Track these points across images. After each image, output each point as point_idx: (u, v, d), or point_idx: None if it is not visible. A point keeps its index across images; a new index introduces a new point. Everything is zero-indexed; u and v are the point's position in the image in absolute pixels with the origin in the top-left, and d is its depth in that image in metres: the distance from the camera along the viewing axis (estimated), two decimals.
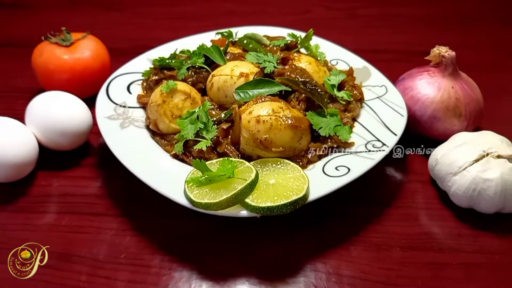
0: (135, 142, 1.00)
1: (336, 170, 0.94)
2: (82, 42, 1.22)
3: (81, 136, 1.08)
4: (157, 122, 1.09)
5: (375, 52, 1.63)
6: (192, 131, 1.02)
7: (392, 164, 1.17)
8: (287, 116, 0.99)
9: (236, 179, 0.91)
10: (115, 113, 1.14)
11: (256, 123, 0.98)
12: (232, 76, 1.09)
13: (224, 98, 1.10)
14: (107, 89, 1.20)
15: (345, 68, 1.29)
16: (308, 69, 1.08)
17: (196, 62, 1.16)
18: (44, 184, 1.06)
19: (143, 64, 1.29)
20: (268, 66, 1.05)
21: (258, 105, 0.94)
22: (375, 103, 1.10)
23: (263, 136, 0.98)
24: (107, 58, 1.25)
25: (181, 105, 1.09)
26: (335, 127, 1.04)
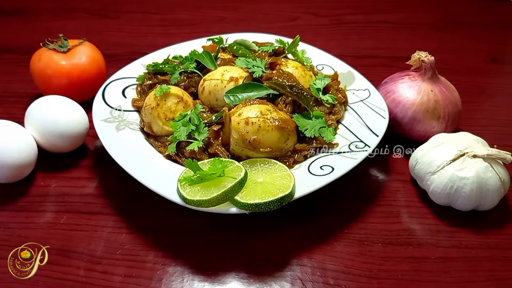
0: (130, 143, 1.02)
1: (321, 169, 0.96)
2: (79, 48, 1.24)
3: (78, 139, 1.09)
4: (151, 124, 1.12)
5: (359, 57, 1.65)
6: (184, 133, 1.04)
7: (375, 164, 1.20)
8: (274, 118, 1.02)
9: (226, 178, 0.93)
10: (111, 116, 1.16)
11: (245, 124, 1.01)
12: (222, 80, 1.12)
13: (215, 101, 1.13)
14: (103, 93, 1.22)
15: (331, 72, 1.32)
16: (295, 73, 1.10)
17: (188, 67, 1.18)
18: (43, 185, 1.07)
19: (137, 69, 1.31)
20: (256, 70, 1.07)
21: (247, 108, 0.96)
22: (358, 106, 1.13)
23: (252, 137, 1.00)
24: (102, 64, 1.26)
25: (174, 108, 1.11)
26: (320, 129, 1.07)
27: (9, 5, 2.04)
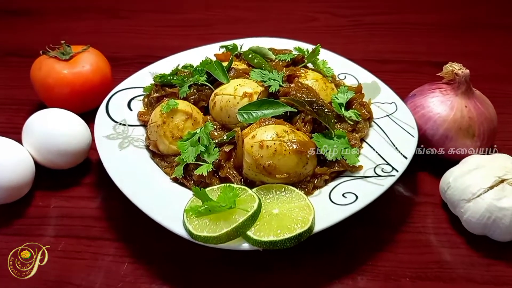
0: (134, 163, 0.92)
1: (343, 197, 0.86)
2: (82, 55, 1.14)
3: (79, 155, 1.02)
4: (157, 143, 1.01)
5: (382, 62, 1.54)
6: (192, 154, 0.93)
7: (402, 184, 1.08)
8: (291, 140, 0.90)
9: (238, 210, 0.82)
10: (114, 132, 1.06)
11: (259, 148, 0.89)
12: (235, 96, 1.00)
13: (227, 118, 1.02)
14: (107, 105, 1.12)
15: (354, 82, 1.20)
16: (315, 86, 0.99)
17: (198, 79, 1.07)
18: (42, 205, 1.00)
19: (145, 78, 1.21)
20: (273, 84, 0.96)
21: (262, 129, 0.85)
22: (384, 121, 1.01)
23: (267, 162, 0.89)
24: (108, 71, 1.17)
25: (182, 126, 1.00)
26: (343, 150, 0.95)
27: (15, 5, 1.94)
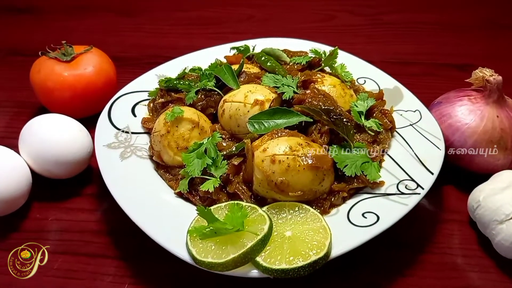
0: (136, 176, 0.85)
1: (363, 218, 0.77)
2: (84, 56, 1.07)
3: (79, 164, 0.95)
4: (161, 154, 0.93)
5: (401, 64, 1.45)
6: (198, 168, 0.85)
7: (425, 198, 0.98)
8: (306, 155, 0.82)
9: (246, 233, 0.74)
10: (116, 140, 0.98)
11: (271, 163, 0.81)
12: (245, 104, 0.92)
13: (236, 127, 0.93)
14: (109, 111, 1.04)
15: (374, 88, 1.11)
16: (332, 93, 0.90)
17: (206, 85, 0.98)
18: (39, 217, 0.94)
19: (151, 81, 1.13)
20: (286, 91, 0.88)
21: (274, 142, 0.77)
22: (407, 132, 0.93)
23: (279, 179, 0.80)
24: (112, 73, 1.11)
25: (188, 136, 0.92)
26: (363, 165, 0.86)
27: (22, 3, 1.87)
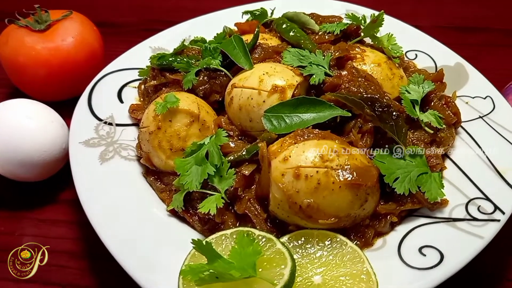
0: (118, 185, 0.66)
1: (421, 255, 0.57)
2: (62, 24, 0.88)
3: (52, 164, 0.76)
4: (150, 156, 0.72)
5: (461, 31, 1.19)
6: (197, 178, 0.64)
7: None
8: (344, 167, 0.59)
9: (259, 281, 0.52)
10: (97, 135, 0.77)
11: (295, 179, 0.58)
12: (260, 91, 0.68)
13: (248, 122, 0.70)
14: (89, 96, 0.82)
15: (428, 65, 0.86)
16: (377, 74, 0.68)
17: (209, 63, 0.75)
18: (3, 231, 0.74)
19: (144, 55, 0.90)
20: (316, 73, 0.64)
21: (299, 148, 0.56)
22: (477, 127, 0.71)
23: (305, 201, 0.58)
24: (97, 45, 0.91)
25: (184, 133, 0.70)
26: (419, 177, 0.63)
27: None
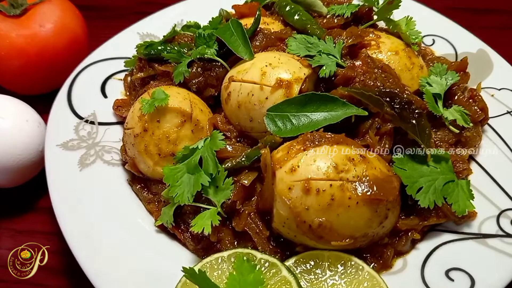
0: (100, 197, 0.58)
1: (449, 280, 0.51)
2: (40, 8, 0.84)
3: (28, 169, 0.73)
4: (136, 161, 0.63)
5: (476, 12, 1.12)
6: (189, 190, 0.56)
7: None
8: (362, 178, 0.50)
9: None
10: (76, 136, 0.69)
11: (304, 193, 0.50)
12: (262, 86, 0.60)
13: (248, 122, 0.62)
14: (69, 90, 0.73)
15: (447, 52, 0.77)
16: (394, 63, 0.61)
17: (203, 52, 0.66)
18: None
19: (131, 42, 0.81)
20: (326, 63, 0.56)
21: (309, 155, 0.50)
22: (505, 124, 0.60)
23: (316, 220, 0.50)
24: (80, 31, 0.85)
25: (175, 135, 0.61)
26: (445, 186, 0.54)
27: None
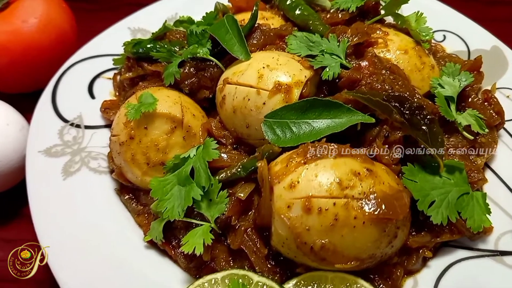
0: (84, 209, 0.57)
1: None
2: (23, 2, 0.81)
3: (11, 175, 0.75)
4: (123, 171, 0.58)
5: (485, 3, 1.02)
6: (180, 204, 0.53)
7: None
8: (369, 196, 0.46)
9: None
10: (61, 141, 0.64)
11: (305, 212, 0.46)
12: (259, 90, 0.55)
13: (245, 128, 0.57)
14: (54, 91, 0.68)
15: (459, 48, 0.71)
16: (403, 63, 0.57)
17: (195, 52, 0.61)
18: None
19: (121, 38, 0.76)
20: (329, 64, 0.52)
21: (310, 169, 0.47)
22: None
23: (318, 242, 0.46)
24: (67, 26, 0.85)
25: (164, 143, 0.57)
26: (459, 199, 0.50)
27: None
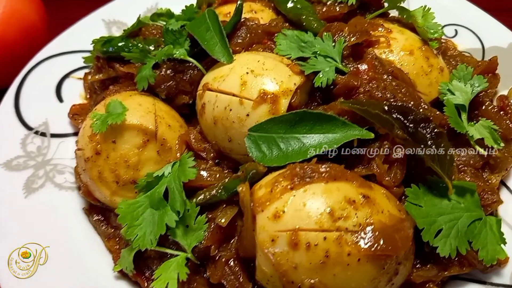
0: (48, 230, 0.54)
1: None
2: None
3: None
4: (90, 189, 0.52)
5: None
6: (152, 231, 0.46)
7: None
8: (365, 228, 0.40)
9: None
10: (23, 152, 0.58)
11: (291, 248, 0.40)
12: (242, 100, 0.48)
13: (227, 142, 0.50)
14: (17, 93, 0.62)
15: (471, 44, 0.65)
16: (408, 66, 0.52)
17: (170, 53, 0.54)
18: None
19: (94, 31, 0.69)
20: (323, 69, 0.46)
21: (297, 196, 0.42)
22: None
23: (307, 281, 0.41)
24: (35, 17, 0.83)
25: (136, 158, 0.50)
26: (470, 226, 0.44)
27: None
